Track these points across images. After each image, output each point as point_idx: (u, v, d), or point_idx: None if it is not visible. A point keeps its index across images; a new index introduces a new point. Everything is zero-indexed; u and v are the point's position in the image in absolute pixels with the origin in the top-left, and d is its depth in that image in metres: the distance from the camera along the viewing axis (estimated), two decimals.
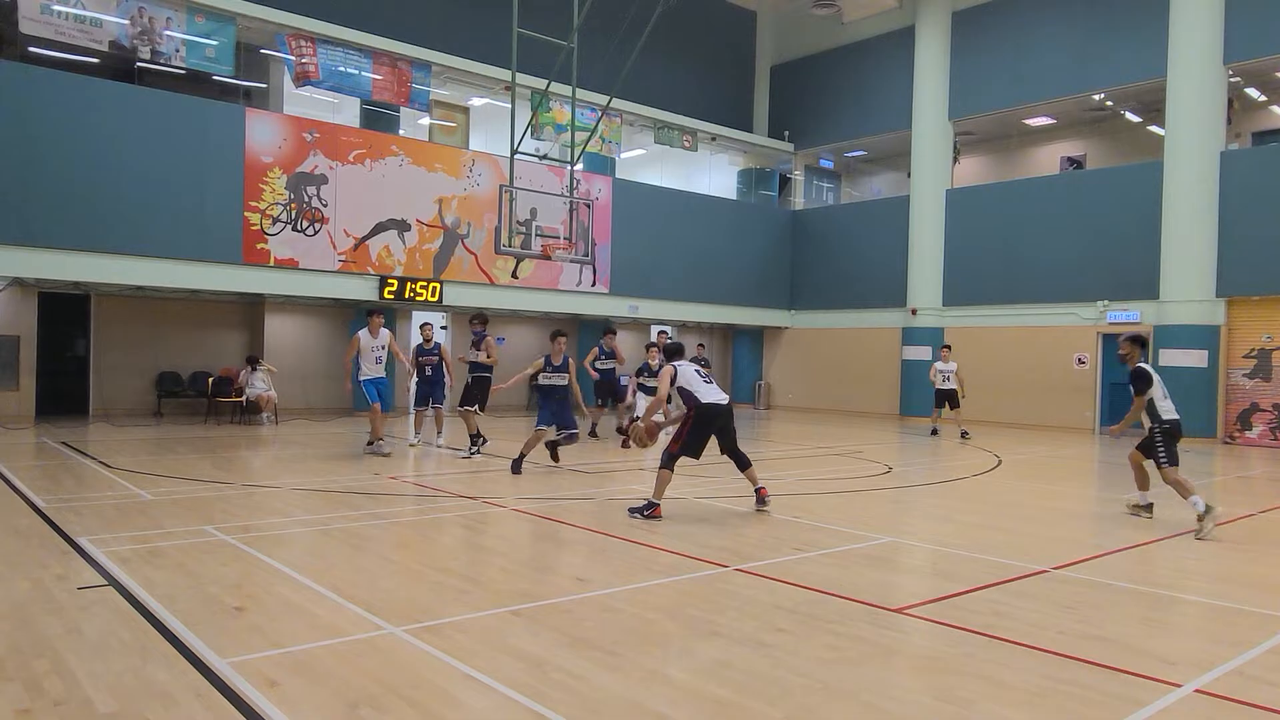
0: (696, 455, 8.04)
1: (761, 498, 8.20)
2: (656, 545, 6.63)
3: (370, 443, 12.05)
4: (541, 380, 10.84)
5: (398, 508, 8.17)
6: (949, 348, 17.83)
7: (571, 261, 15.72)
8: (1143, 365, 8.09)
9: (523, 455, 10.54)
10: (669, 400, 8.38)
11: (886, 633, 4.63)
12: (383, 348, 12.01)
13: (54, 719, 3.32)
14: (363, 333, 12.02)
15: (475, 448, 12.05)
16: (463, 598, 5.11)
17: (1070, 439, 17.63)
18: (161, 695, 3.55)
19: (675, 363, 8.36)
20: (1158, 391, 8.01)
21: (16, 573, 5.35)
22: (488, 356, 12.40)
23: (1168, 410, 8.01)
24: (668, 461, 7.89)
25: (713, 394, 8.11)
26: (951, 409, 17.05)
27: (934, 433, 17.53)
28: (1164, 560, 6.77)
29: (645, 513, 7.72)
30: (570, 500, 8.71)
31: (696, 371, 8.24)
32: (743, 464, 8.32)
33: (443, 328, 23.25)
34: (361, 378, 12.04)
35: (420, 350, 12.74)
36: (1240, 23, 17.34)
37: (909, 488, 10.41)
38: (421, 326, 13.23)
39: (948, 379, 17.11)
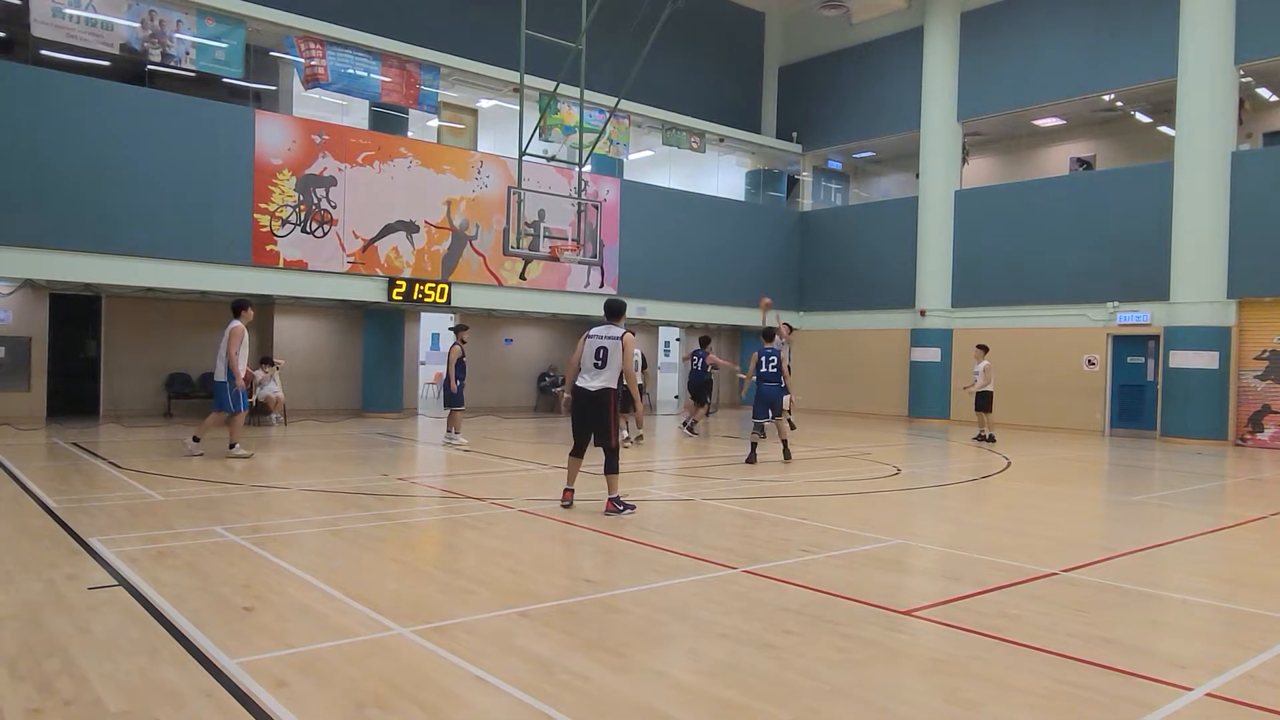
0: (574, 444, 8.07)
1: (608, 508, 7.89)
2: (664, 547, 6.62)
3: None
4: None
5: (406, 509, 8.19)
6: (981, 347, 17.29)
7: (579, 263, 15.74)
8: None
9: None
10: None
11: (894, 635, 4.62)
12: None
13: (64, 718, 3.34)
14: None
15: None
16: (470, 599, 5.12)
17: (1080, 441, 17.56)
18: (171, 695, 3.57)
19: (591, 331, 8.01)
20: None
21: (28, 573, 5.39)
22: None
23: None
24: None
25: (582, 378, 7.89)
26: (986, 411, 16.76)
27: (979, 438, 16.90)
28: (1174, 563, 6.73)
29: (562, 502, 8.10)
30: (577, 501, 8.71)
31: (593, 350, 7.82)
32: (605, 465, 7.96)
33: (451, 328, 23.34)
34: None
35: (463, 353, 14.15)
36: (1251, 23, 17.24)
37: (917, 489, 10.38)
38: (462, 329, 14.31)
39: (976, 378, 16.87)
